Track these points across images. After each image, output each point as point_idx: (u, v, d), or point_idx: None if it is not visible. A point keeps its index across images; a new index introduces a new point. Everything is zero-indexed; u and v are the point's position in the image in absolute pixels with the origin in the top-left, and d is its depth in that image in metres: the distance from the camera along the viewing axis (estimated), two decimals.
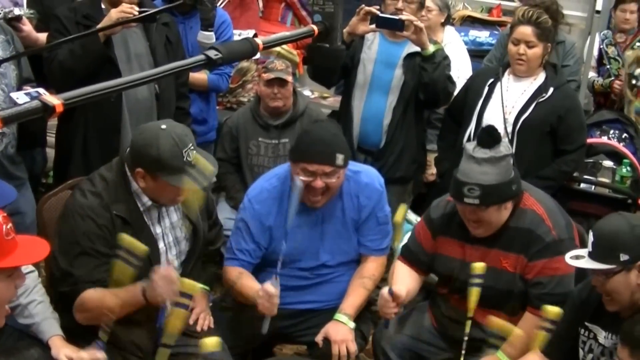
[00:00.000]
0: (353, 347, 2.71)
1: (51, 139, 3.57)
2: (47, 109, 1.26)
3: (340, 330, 2.72)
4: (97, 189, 2.47)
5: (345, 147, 2.76)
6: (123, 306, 2.42)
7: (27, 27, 3.32)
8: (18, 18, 3.26)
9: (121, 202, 2.47)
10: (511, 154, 2.58)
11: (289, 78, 3.60)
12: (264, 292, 2.56)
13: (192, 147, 2.41)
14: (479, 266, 2.53)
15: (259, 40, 1.60)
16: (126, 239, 2.27)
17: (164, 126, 2.45)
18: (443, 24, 4.34)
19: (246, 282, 2.74)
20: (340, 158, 2.68)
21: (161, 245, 2.56)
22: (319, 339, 2.73)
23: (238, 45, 1.60)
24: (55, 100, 1.26)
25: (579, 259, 2.33)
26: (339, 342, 2.69)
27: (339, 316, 2.76)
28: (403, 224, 2.61)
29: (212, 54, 1.49)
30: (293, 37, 1.95)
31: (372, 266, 2.87)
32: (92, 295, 2.42)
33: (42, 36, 3.38)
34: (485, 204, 2.52)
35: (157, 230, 2.55)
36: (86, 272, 2.42)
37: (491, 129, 2.61)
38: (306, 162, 2.67)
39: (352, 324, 2.74)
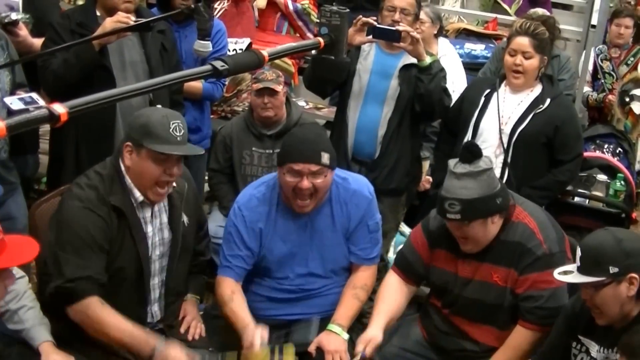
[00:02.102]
0: (346, 358, 2.70)
1: (44, 145, 3.57)
2: (53, 118, 1.27)
3: (334, 341, 2.71)
4: (93, 182, 2.50)
5: (330, 148, 2.76)
6: (123, 345, 2.47)
7: (23, 32, 3.32)
8: (15, 23, 3.26)
9: (117, 194, 2.49)
10: (491, 168, 2.59)
11: (279, 88, 3.60)
12: (250, 344, 2.57)
13: (182, 125, 2.47)
14: None
15: (264, 52, 1.60)
16: None
17: (159, 106, 2.59)
18: (436, 36, 4.36)
19: (237, 308, 2.72)
20: (325, 157, 2.68)
21: (149, 243, 2.57)
22: (312, 348, 2.72)
23: (244, 56, 1.61)
24: (60, 109, 1.28)
25: (567, 274, 2.34)
26: (333, 352, 2.69)
27: (332, 327, 2.75)
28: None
29: (218, 64, 1.50)
30: (299, 48, 1.96)
31: (364, 276, 2.86)
32: (99, 312, 2.42)
33: (37, 41, 3.38)
34: (467, 219, 2.52)
35: (149, 228, 2.57)
36: (85, 265, 2.41)
37: (471, 145, 2.62)
38: (292, 162, 2.67)
39: (345, 335, 2.73)
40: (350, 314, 2.79)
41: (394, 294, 2.81)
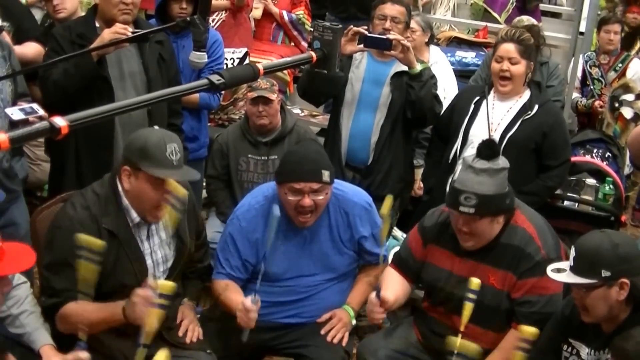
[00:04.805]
0: (345, 339, 2.82)
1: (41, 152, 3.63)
2: (53, 130, 1.29)
3: (344, 316, 2.86)
4: (87, 203, 2.52)
5: (330, 164, 2.81)
6: (103, 322, 2.48)
7: (7, 39, 3.37)
8: (0, 29, 3.32)
9: (110, 215, 2.51)
10: (508, 167, 2.61)
11: (273, 96, 3.64)
12: (242, 306, 2.60)
13: (178, 149, 2.48)
14: (474, 282, 2.51)
15: (260, 66, 1.64)
16: (83, 237, 2.26)
17: (157, 127, 2.60)
18: (427, 44, 4.41)
19: (230, 294, 2.78)
20: (326, 174, 2.73)
21: (149, 261, 2.59)
22: (325, 317, 2.86)
23: (240, 70, 1.64)
24: (61, 122, 1.30)
25: (560, 272, 2.37)
26: (341, 324, 2.83)
27: (348, 308, 2.88)
28: (389, 215, 2.66)
29: (214, 78, 1.53)
30: (293, 63, 1.98)
31: (376, 268, 2.94)
32: (73, 308, 2.45)
33: (18, 49, 3.43)
34: (479, 214, 2.55)
35: (146, 246, 2.59)
36: (71, 285, 2.42)
37: (491, 143, 2.64)
38: (293, 181, 2.71)
39: (354, 322, 2.87)
40: (362, 299, 2.91)
41: (395, 278, 2.86)
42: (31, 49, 3.64)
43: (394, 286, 2.81)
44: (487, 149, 2.59)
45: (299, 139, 3.70)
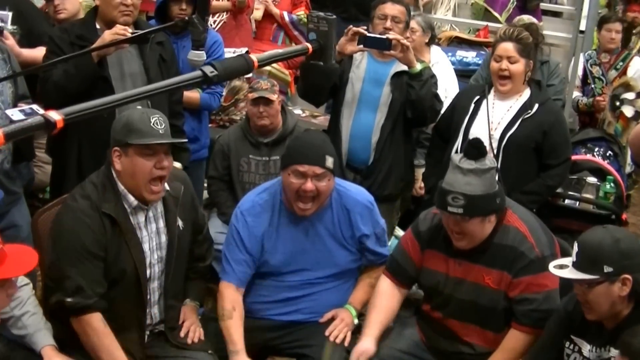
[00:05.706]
0: (348, 338, 2.83)
1: (43, 153, 3.63)
2: (49, 125, 1.29)
3: (346, 316, 2.87)
4: (87, 192, 2.55)
5: (334, 153, 2.84)
6: None
7: (10, 41, 3.39)
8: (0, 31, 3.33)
9: (110, 202, 2.54)
10: (496, 167, 2.62)
11: (274, 97, 3.66)
12: None
13: (162, 120, 2.52)
14: None
15: (254, 57, 1.63)
16: None
17: (139, 107, 2.64)
18: (428, 44, 4.42)
19: (232, 328, 2.75)
20: (330, 161, 2.75)
21: (146, 248, 2.61)
22: (326, 317, 2.87)
23: (233, 62, 1.63)
24: (56, 116, 1.29)
25: (562, 268, 2.38)
26: (344, 324, 2.84)
27: (350, 308, 2.89)
28: None
29: (208, 70, 1.53)
30: (287, 54, 1.98)
31: (378, 269, 2.95)
32: (98, 331, 2.48)
33: (26, 52, 3.45)
34: (468, 214, 2.55)
35: (143, 233, 2.61)
36: (82, 278, 2.46)
37: (477, 142, 2.64)
38: (297, 163, 2.73)
39: (356, 321, 2.88)
40: (364, 299, 2.93)
41: (386, 301, 2.85)
42: (42, 54, 3.65)
43: (381, 316, 2.82)
44: (474, 149, 2.59)
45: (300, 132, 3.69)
